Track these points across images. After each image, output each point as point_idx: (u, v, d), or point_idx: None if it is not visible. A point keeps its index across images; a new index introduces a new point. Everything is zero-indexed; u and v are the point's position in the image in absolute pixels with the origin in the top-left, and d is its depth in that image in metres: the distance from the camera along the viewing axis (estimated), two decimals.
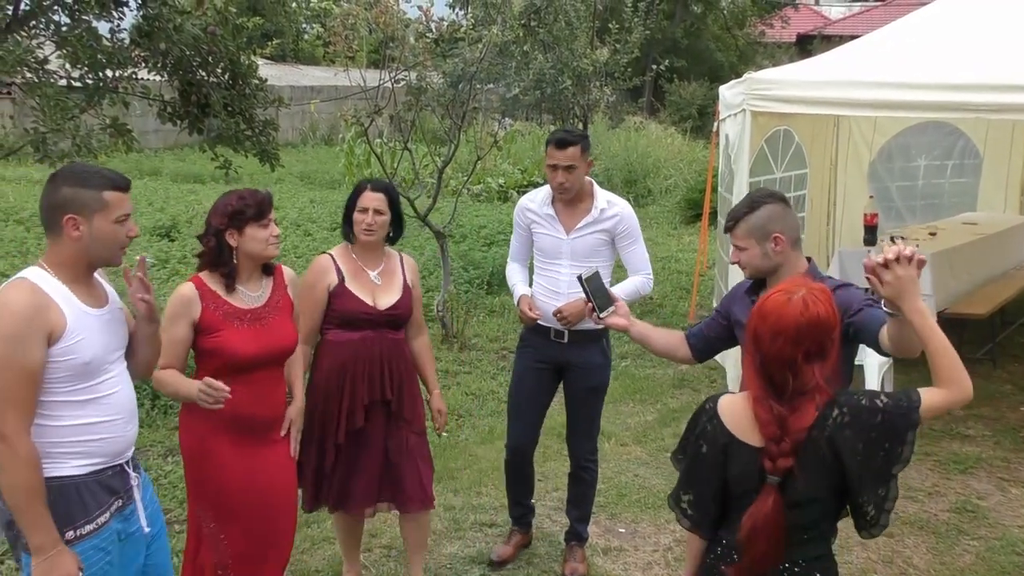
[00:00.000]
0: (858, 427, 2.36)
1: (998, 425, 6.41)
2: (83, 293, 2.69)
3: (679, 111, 27.39)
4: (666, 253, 12.06)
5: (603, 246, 4.26)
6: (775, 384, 2.37)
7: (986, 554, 4.71)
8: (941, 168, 9.70)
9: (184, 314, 3.25)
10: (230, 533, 3.36)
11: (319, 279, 3.80)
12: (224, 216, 3.27)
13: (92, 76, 5.22)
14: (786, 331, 2.33)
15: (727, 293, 3.35)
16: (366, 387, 3.79)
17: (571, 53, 8.96)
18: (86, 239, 2.64)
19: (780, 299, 2.37)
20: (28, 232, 10.98)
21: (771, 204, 3.05)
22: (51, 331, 2.57)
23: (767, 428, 2.36)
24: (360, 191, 3.82)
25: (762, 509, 2.35)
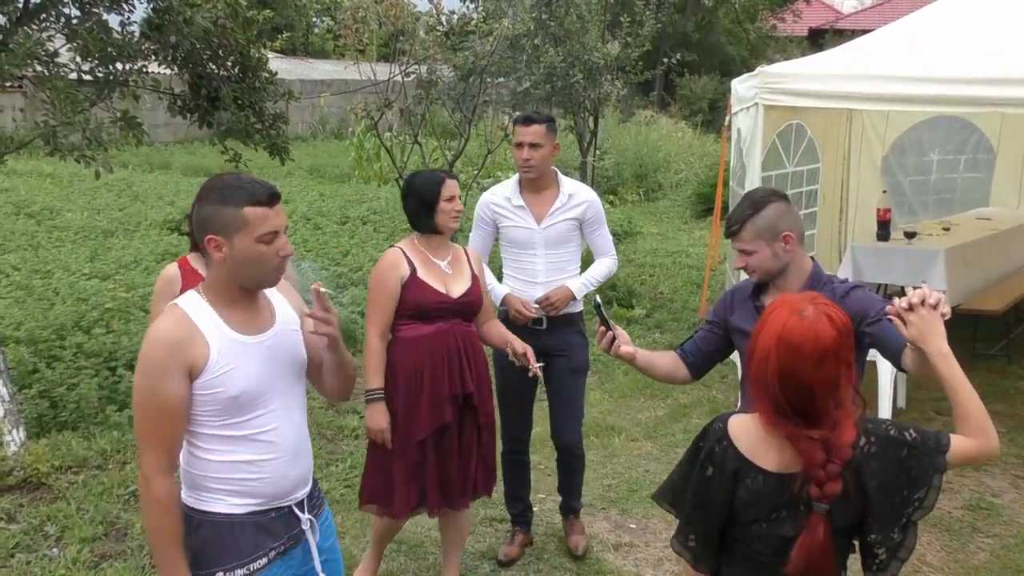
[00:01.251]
0: (884, 459, 2.22)
1: (1012, 422, 6.36)
2: (238, 318, 2.45)
3: (690, 105, 27.34)
4: (677, 248, 12.02)
5: (573, 232, 4.37)
6: (815, 413, 2.16)
7: (1001, 552, 4.67)
8: (954, 163, 9.63)
9: (166, 293, 3.42)
10: None
11: (391, 272, 3.75)
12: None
13: (102, 69, 5.21)
14: (828, 351, 2.14)
15: (719, 302, 3.17)
16: (447, 380, 3.75)
17: (582, 47, 8.90)
18: (230, 261, 2.39)
19: (799, 323, 2.16)
20: (39, 225, 11.02)
21: (776, 202, 2.94)
22: (192, 364, 2.36)
23: (810, 454, 2.16)
24: (440, 182, 3.78)
25: (815, 540, 2.16)
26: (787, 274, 2.94)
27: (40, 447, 5.27)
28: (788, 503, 2.21)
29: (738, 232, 2.92)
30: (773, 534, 2.23)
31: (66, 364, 6.10)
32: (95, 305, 7.21)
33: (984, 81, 5.62)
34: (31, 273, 8.49)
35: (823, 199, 8.08)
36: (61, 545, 4.51)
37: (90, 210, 12.09)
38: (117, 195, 13.36)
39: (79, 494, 4.95)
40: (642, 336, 8.09)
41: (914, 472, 2.22)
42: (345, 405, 6.41)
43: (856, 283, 2.99)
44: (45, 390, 5.82)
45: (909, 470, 2.22)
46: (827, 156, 8.08)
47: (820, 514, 2.17)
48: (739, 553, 2.32)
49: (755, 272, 2.95)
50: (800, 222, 3.02)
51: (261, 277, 2.44)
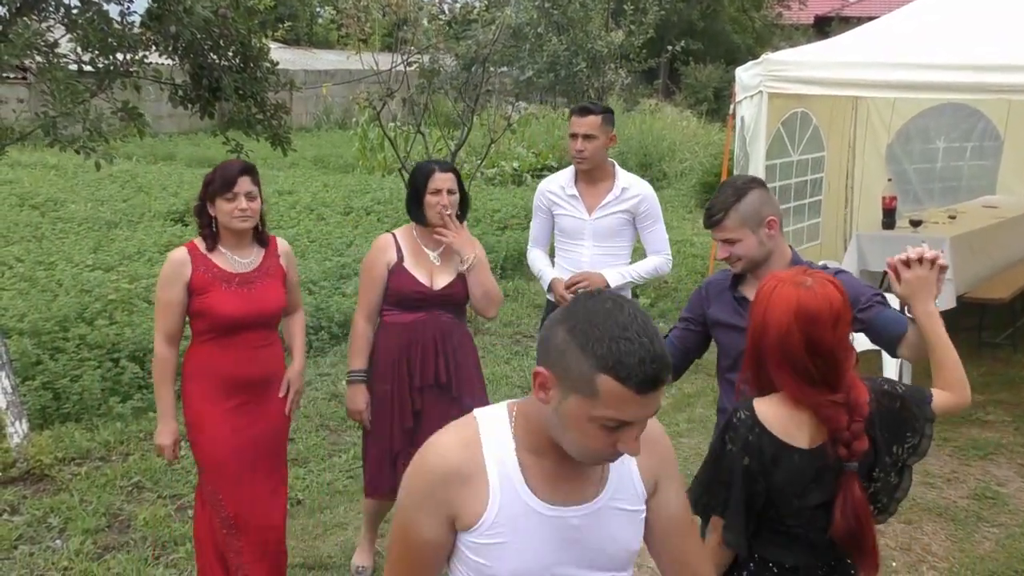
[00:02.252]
0: (882, 411, 2.33)
1: (1018, 411, 6.33)
2: (545, 474, 1.77)
3: (695, 94, 27.21)
4: (681, 237, 11.97)
5: (625, 226, 4.33)
6: (838, 375, 2.24)
7: (1006, 541, 4.65)
8: (960, 150, 9.57)
9: (177, 276, 3.43)
10: (225, 491, 3.49)
11: (379, 256, 3.85)
12: (203, 187, 3.53)
13: (103, 60, 5.18)
14: (842, 314, 2.26)
15: (693, 297, 3.08)
16: (419, 370, 3.82)
17: (586, 35, 8.88)
18: (551, 417, 1.70)
19: (811, 295, 2.23)
20: (43, 217, 11.02)
21: (757, 188, 2.88)
22: (455, 514, 1.75)
23: (837, 421, 2.23)
24: (429, 174, 3.80)
25: (854, 498, 2.23)
26: (770, 262, 2.86)
27: (43, 439, 5.27)
28: (819, 474, 2.27)
29: (722, 220, 2.84)
30: (804, 506, 2.29)
31: (69, 356, 6.10)
32: (98, 296, 7.20)
33: (991, 67, 5.57)
34: (35, 264, 8.49)
35: (828, 187, 8.03)
36: (64, 537, 4.51)
37: (94, 201, 12.07)
38: (121, 186, 13.35)
39: (82, 486, 4.95)
40: None
41: (908, 422, 2.36)
42: None
43: (840, 268, 2.96)
44: (48, 382, 5.82)
45: (904, 420, 2.36)
46: (832, 144, 8.03)
47: (852, 472, 2.25)
48: (769, 529, 2.36)
49: (740, 261, 2.87)
50: (779, 208, 2.95)
51: (583, 454, 1.71)
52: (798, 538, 2.34)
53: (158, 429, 3.54)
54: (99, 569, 4.23)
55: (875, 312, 2.74)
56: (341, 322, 7.48)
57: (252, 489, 3.54)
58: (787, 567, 2.38)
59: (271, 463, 3.64)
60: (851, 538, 2.27)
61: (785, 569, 2.38)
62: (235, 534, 3.53)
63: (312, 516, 4.77)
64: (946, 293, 6.93)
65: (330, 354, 7.16)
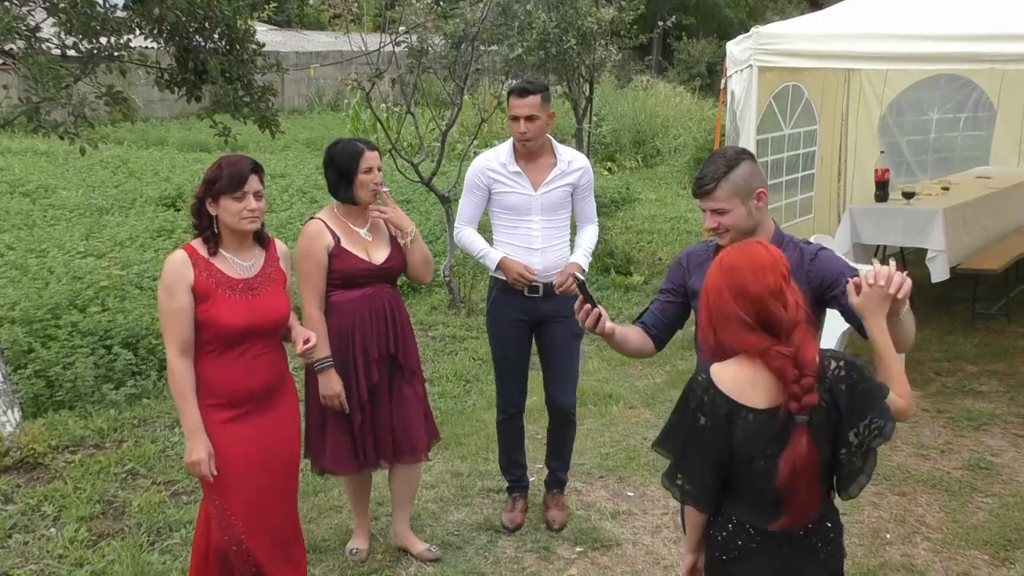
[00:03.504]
0: (849, 382, 2.38)
1: (1012, 381, 6.34)
2: None
3: (688, 69, 27.11)
4: (675, 213, 11.96)
5: (567, 198, 4.38)
6: (774, 321, 2.34)
7: (1000, 511, 4.66)
8: (954, 121, 9.55)
9: (180, 279, 3.17)
10: (235, 508, 3.31)
11: (315, 243, 3.85)
12: (204, 184, 3.24)
13: (86, 44, 5.13)
14: (764, 263, 2.37)
15: (673, 268, 3.08)
16: (375, 342, 3.90)
17: (575, 11, 8.77)
18: None
19: (734, 251, 2.44)
20: (34, 204, 10.96)
21: (747, 160, 2.87)
22: None
23: (785, 371, 2.31)
24: (359, 154, 3.88)
25: (799, 451, 2.31)
26: (754, 235, 2.85)
27: (36, 427, 5.26)
28: (778, 434, 2.34)
29: (713, 190, 2.82)
30: (772, 468, 2.34)
31: (61, 343, 6.08)
32: (90, 283, 7.17)
33: (984, 38, 5.53)
34: (26, 252, 8.45)
35: (820, 161, 8.00)
36: (59, 524, 4.51)
37: (85, 188, 12.01)
38: (112, 172, 13.28)
39: (76, 473, 4.94)
40: (640, 303, 8.05)
41: (875, 402, 2.39)
42: None
43: (821, 245, 2.95)
44: (40, 370, 5.80)
45: (870, 400, 2.39)
46: (824, 117, 7.99)
47: (802, 426, 2.32)
48: (742, 491, 2.43)
49: (728, 233, 2.85)
50: (767, 181, 2.96)
51: None
52: (769, 501, 2.39)
53: (189, 447, 3.20)
54: (94, 556, 4.23)
55: None
56: None
57: (269, 508, 3.36)
58: (762, 529, 2.43)
59: (289, 480, 3.48)
60: (788, 490, 2.33)
61: (761, 531, 2.43)
62: (247, 551, 3.34)
63: (306, 500, 4.76)
64: (940, 265, 6.96)
65: None
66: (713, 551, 2.53)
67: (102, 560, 4.20)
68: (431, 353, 7.00)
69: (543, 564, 4.23)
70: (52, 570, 4.14)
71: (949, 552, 4.31)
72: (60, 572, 4.13)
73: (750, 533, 2.44)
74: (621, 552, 4.34)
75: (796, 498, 2.35)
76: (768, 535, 2.43)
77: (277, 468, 3.41)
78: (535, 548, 4.35)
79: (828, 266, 2.83)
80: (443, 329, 7.52)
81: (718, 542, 2.50)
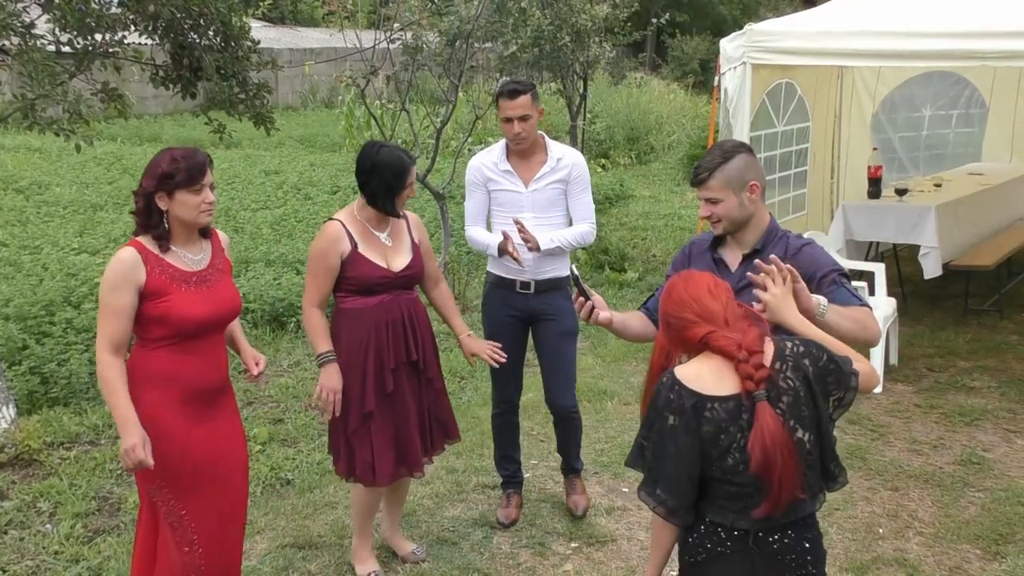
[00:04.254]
0: (810, 356, 2.40)
1: (1004, 376, 6.37)
2: None
3: (682, 66, 27.14)
4: (669, 210, 11.99)
5: (560, 196, 4.34)
6: (710, 314, 2.39)
7: (991, 505, 4.69)
8: (946, 118, 9.59)
9: (129, 279, 3.06)
10: (191, 507, 3.22)
11: (332, 247, 3.75)
12: (154, 178, 3.09)
13: (81, 40, 5.13)
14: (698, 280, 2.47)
15: (678, 256, 3.20)
16: (392, 350, 3.80)
17: (569, 9, 8.80)
18: None
19: (673, 286, 2.50)
20: (27, 201, 10.95)
21: (744, 153, 2.97)
22: None
23: (731, 351, 2.33)
24: (406, 171, 3.76)
25: (766, 428, 2.27)
26: (748, 227, 2.98)
27: (31, 424, 5.27)
28: (748, 422, 2.31)
29: (707, 180, 2.93)
30: (744, 460, 2.31)
31: (56, 340, 6.08)
32: (84, 280, 7.17)
33: (977, 35, 5.56)
34: (20, 249, 8.45)
35: (813, 158, 8.03)
36: (54, 521, 4.51)
37: (79, 184, 12.00)
38: (106, 168, 13.27)
39: (71, 470, 4.95)
40: (635, 300, 8.08)
41: (835, 375, 2.42)
42: None
43: (808, 240, 3.04)
44: (35, 366, 5.80)
45: (830, 371, 2.42)
46: (817, 114, 8.02)
47: (763, 402, 2.30)
48: (715, 491, 2.39)
49: (720, 222, 2.97)
50: (763, 174, 3.04)
51: None
52: (747, 500, 2.35)
53: (125, 438, 3.04)
54: (90, 552, 4.24)
55: (830, 290, 2.83)
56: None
57: (215, 502, 3.28)
58: (736, 532, 2.39)
59: (240, 477, 3.41)
60: (765, 471, 2.28)
61: (734, 534, 2.40)
62: (198, 553, 3.25)
63: (302, 496, 4.78)
64: (932, 261, 7.00)
65: None
66: (683, 555, 2.49)
67: (98, 556, 4.20)
68: None
69: (538, 560, 4.25)
70: (48, 566, 4.15)
71: (941, 546, 4.33)
72: (56, 568, 4.13)
73: (721, 537, 2.40)
74: (616, 547, 4.36)
75: (774, 478, 2.28)
76: (740, 540, 2.38)
77: (229, 470, 3.33)
78: (530, 544, 4.37)
79: (807, 261, 2.87)
80: (438, 326, 7.50)
81: (688, 545, 2.46)
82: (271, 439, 5.39)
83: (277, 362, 6.61)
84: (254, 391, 6.06)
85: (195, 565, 3.25)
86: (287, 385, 6.16)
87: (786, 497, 2.32)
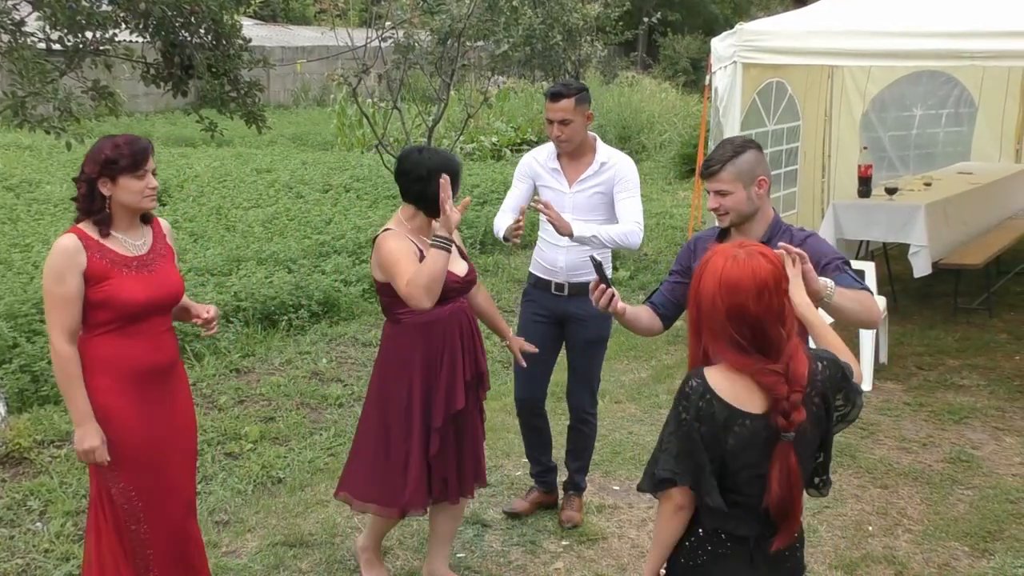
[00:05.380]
0: (832, 380, 2.39)
1: (993, 375, 6.41)
2: None
3: (673, 65, 27.17)
4: (661, 209, 12.00)
5: (602, 201, 4.29)
6: (770, 343, 2.29)
7: (980, 503, 4.72)
8: (936, 117, 9.63)
9: (72, 265, 3.08)
10: (139, 485, 3.25)
11: (414, 259, 3.52)
12: (96, 164, 3.11)
13: (71, 38, 5.12)
14: (767, 284, 2.28)
15: (683, 251, 3.26)
16: (466, 362, 3.68)
17: (561, 8, 8.83)
18: None
19: (735, 264, 2.29)
20: (18, 198, 10.92)
21: (754, 148, 3.07)
22: None
23: (776, 390, 2.27)
24: (460, 170, 3.68)
25: (788, 468, 2.27)
26: (754, 220, 3.07)
27: (21, 422, 5.25)
28: (764, 444, 2.31)
29: (718, 172, 3.01)
30: (758, 474, 2.31)
31: (46, 338, 6.04)
32: None
33: (966, 34, 5.59)
34: (10, 247, 8.41)
35: (803, 157, 8.06)
36: (44, 519, 4.50)
37: (69, 182, 11.90)
38: None
39: (62, 468, 4.94)
40: (627, 298, 8.03)
41: (846, 392, 2.41)
42: (329, 374, 6.41)
43: (811, 232, 3.13)
44: (25, 364, 5.78)
45: (841, 388, 2.41)
46: (808, 113, 8.05)
47: (788, 443, 2.28)
48: (725, 498, 2.36)
49: (728, 214, 3.05)
50: (770, 172, 3.12)
51: None
52: (751, 508, 2.35)
53: (79, 435, 3.12)
54: (80, 550, 4.21)
55: (834, 276, 2.89)
56: (321, 300, 7.47)
57: (166, 483, 3.32)
58: (737, 536, 2.39)
59: (184, 459, 3.43)
60: (782, 508, 2.31)
61: (736, 538, 2.39)
62: (146, 537, 3.29)
63: (293, 494, 4.78)
64: (922, 260, 7.04)
65: (310, 332, 7.16)
66: (678, 557, 2.46)
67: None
68: None
69: (529, 558, 4.26)
70: (38, 564, 4.15)
71: (930, 544, 4.36)
72: (46, 566, 4.13)
73: (721, 539, 2.40)
74: (607, 545, 4.37)
75: (792, 515, 2.33)
76: (740, 541, 2.39)
77: (179, 447, 3.37)
78: (521, 542, 4.38)
79: (812, 251, 2.90)
80: None
81: (686, 548, 2.44)
82: (262, 437, 5.38)
83: (269, 360, 6.60)
84: (245, 389, 6.06)
85: (141, 540, 3.29)
86: (278, 383, 6.16)
87: (795, 528, 2.39)
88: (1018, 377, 6.35)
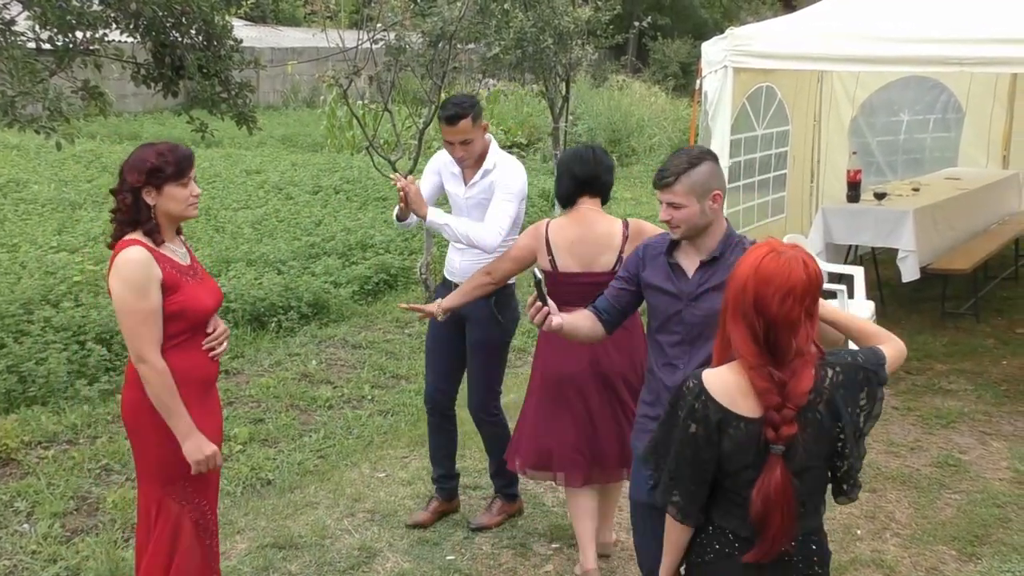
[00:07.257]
0: (848, 386, 2.38)
1: (980, 379, 6.44)
2: None
3: (663, 69, 27.25)
4: (650, 212, 11.99)
5: (488, 204, 4.23)
6: (779, 349, 2.30)
7: (967, 507, 4.74)
8: (924, 123, 9.68)
9: (151, 277, 3.00)
10: (210, 496, 3.28)
11: None
12: (141, 173, 3.04)
13: (61, 38, 5.10)
14: (795, 291, 2.28)
15: (631, 258, 3.19)
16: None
17: (552, 11, 8.83)
18: None
19: (776, 259, 2.30)
20: (5, 198, 10.86)
21: (710, 161, 2.97)
22: None
23: (767, 397, 2.28)
24: None
25: (771, 481, 2.27)
26: (706, 233, 2.98)
27: (9, 423, 5.23)
28: (756, 452, 2.32)
29: (672, 184, 2.92)
30: (754, 476, 2.32)
31: (34, 339, 6.04)
32: (63, 279, 7.13)
33: (954, 40, 5.61)
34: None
35: (792, 161, 8.08)
36: (32, 520, 4.48)
37: (57, 182, 11.92)
38: (85, 167, 13.17)
39: (49, 469, 4.92)
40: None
41: (868, 390, 2.41)
42: (318, 376, 6.40)
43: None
44: (13, 365, 5.76)
45: (864, 389, 2.41)
46: (797, 118, 8.07)
47: (777, 456, 2.29)
48: (729, 501, 2.39)
49: (679, 227, 2.96)
50: (726, 184, 3.04)
51: None
52: None
53: (193, 446, 3.06)
54: (68, 552, 4.22)
55: None
56: (311, 302, 7.47)
57: (217, 487, 3.39)
58: (743, 537, 2.41)
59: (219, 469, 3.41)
60: (759, 520, 2.31)
61: (741, 538, 2.41)
62: (217, 551, 3.34)
63: (282, 496, 4.77)
64: (910, 264, 7.07)
65: (299, 334, 7.15)
66: (690, 554, 2.50)
67: (76, 556, 4.18)
68: (408, 351, 7.01)
69: (519, 560, 4.26)
70: (25, 566, 4.13)
71: (918, 548, 4.38)
72: (33, 568, 4.11)
73: (728, 539, 2.42)
74: None
75: (771, 528, 2.31)
76: (747, 542, 2.39)
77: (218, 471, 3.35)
78: (512, 544, 4.38)
79: None
80: (420, 326, 7.51)
81: (696, 545, 2.48)
82: (251, 439, 5.37)
83: (258, 362, 6.59)
84: (234, 391, 6.05)
85: (214, 555, 3.29)
86: (268, 385, 6.14)
87: (776, 548, 2.35)
88: (1005, 382, 6.39)
